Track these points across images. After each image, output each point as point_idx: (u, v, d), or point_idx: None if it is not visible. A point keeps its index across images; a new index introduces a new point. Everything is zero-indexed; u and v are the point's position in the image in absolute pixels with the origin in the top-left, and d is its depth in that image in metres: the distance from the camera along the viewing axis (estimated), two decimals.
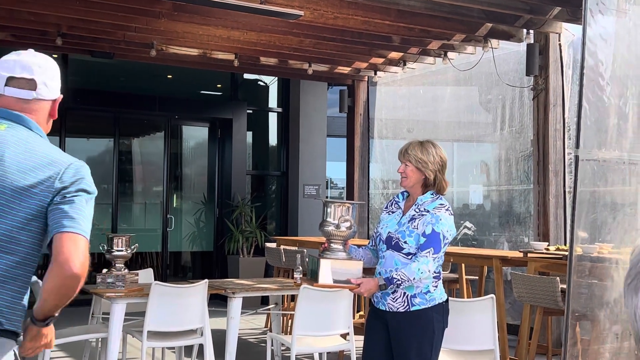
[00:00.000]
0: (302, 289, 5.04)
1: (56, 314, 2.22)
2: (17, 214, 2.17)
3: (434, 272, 3.41)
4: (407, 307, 3.42)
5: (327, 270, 3.33)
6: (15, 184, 2.16)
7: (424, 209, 3.46)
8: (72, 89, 9.81)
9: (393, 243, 3.46)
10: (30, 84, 2.27)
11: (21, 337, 2.20)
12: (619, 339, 4.32)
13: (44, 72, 2.28)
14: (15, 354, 2.20)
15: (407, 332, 3.42)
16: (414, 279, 3.35)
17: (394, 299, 3.43)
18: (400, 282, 3.35)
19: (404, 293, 3.42)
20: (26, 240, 2.22)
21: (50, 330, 2.24)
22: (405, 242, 3.42)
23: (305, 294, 5.01)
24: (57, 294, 2.16)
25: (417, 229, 3.42)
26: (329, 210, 3.43)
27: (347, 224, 3.40)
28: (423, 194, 3.51)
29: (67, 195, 2.17)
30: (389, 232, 3.50)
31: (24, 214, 2.17)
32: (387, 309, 3.46)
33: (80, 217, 2.17)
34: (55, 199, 2.17)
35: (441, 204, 3.46)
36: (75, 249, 2.15)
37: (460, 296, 6.80)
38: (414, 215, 3.47)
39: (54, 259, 2.17)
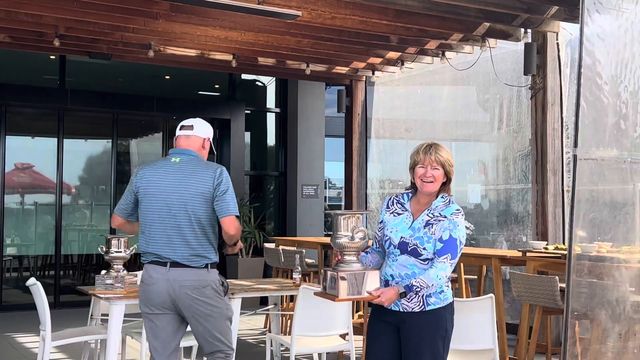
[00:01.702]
0: (302, 290, 5.04)
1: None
2: None
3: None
4: (423, 306, 3.41)
5: (345, 284, 3.29)
6: None
7: (439, 213, 3.43)
8: (70, 90, 9.82)
9: (410, 249, 3.42)
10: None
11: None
12: (623, 338, 4.32)
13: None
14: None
15: (422, 332, 3.41)
16: (432, 285, 3.35)
17: (408, 299, 3.42)
18: (419, 289, 3.34)
19: (418, 294, 3.42)
20: None
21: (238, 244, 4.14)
22: (424, 249, 3.39)
23: (305, 295, 5.01)
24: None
25: (434, 234, 3.40)
26: (339, 222, 3.37)
27: (361, 235, 3.36)
28: (436, 196, 3.48)
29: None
30: (402, 237, 3.45)
31: None
32: (401, 310, 3.43)
33: None
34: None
35: (457, 210, 3.43)
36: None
37: (459, 296, 6.79)
38: (429, 220, 3.43)
39: None
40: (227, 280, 4.47)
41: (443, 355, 3.44)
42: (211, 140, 4.20)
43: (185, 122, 4.14)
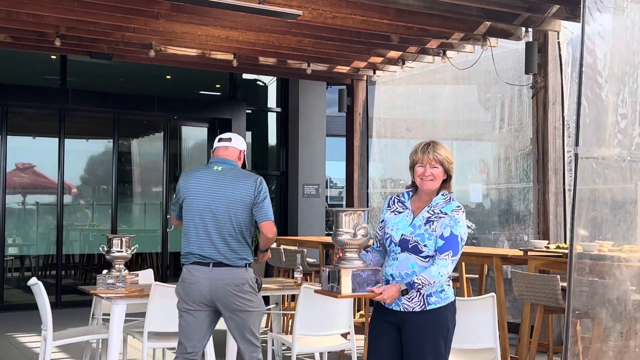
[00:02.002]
0: (303, 289, 5.04)
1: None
2: None
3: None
4: (423, 306, 3.41)
5: (347, 281, 3.30)
6: None
7: (440, 210, 3.43)
8: (71, 90, 9.82)
9: (410, 246, 3.42)
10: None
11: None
12: (624, 337, 4.32)
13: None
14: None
15: (423, 332, 3.40)
16: (434, 282, 3.34)
17: (409, 298, 3.41)
18: (421, 286, 3.34)
19: (420, 292, 3.41)
20: None
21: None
22: (425, 246, 3.39)
23: (306, 294, 5.01)
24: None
25: (435, 231, 3.40)
26: (341, 219, 3.38)
27: (363, 232, 3.36)
28: (437, 194, 3.48)
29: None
30: (402, 235, 3.45)
31: None
32: (402, 309, 3.43)
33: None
34: None
35: (458, 207, 3.44)
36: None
37: (460, 295, 6.78)
38: (429, 217, 3.43)
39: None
40: None
41: (445, 354, 3.44)
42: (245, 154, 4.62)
43: (223, 135, 4.58)
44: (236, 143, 4.49)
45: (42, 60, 9.88)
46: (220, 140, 4.53)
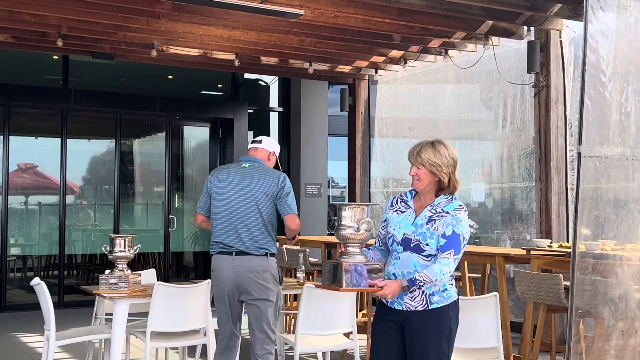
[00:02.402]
0: (305, 289, 5.04)
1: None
2: None
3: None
4: (426, 305, 3.41)
5: (348, 275, 3.30)
6: None
7: (442, 209, 3.43)
8: (73, 90, 9.83)
9: (412, 245, 3.42)
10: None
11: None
12: (624, 336, 4.32)
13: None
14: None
15: (426, 331, 3.40)
16: (435, 280, 3.34)
17: (412, 297, 3.41)
18: (422, 283, 3.33)
19: (422, 291, 3.41)
20: None
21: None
22: (427, 245, 3.39)
23: (308, 293, 5.01)
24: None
25: (437, 230, 3.39)
26: (344, 213, 3.39)
27: (366, 226, 3.37)
28: (436, 195, 3.48)
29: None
30: (404, 234, 3.45)
31: None
32: (405, 308, 3.43)
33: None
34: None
35: (460, 206, 3.43)
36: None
37: (463, 294, 6.78)
38: (431, 216, 3.43)
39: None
40: None
41: (447, 353, 3.44)
42: (277, 155, 5.01)
43: (256, 138, 5.04)
44: (266, 145, 4.93)
45: (44, 60, 9.89)
46: (252, 142, 5.02)
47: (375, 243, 3.67)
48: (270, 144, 4.98)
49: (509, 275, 7.32)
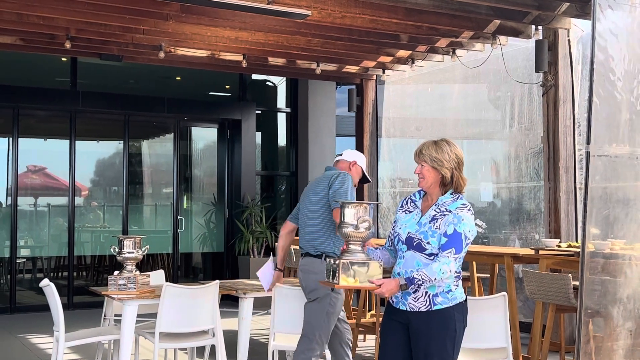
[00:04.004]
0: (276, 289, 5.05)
1: None
2: None
3: (455, 271, 3.40)
4: (429, 306, 3.40)
5: (346, 272, 3.31)
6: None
7: (445, 208, 3.43)
8: (81, 92, 9.86)
9: (415, 244, 3.42)
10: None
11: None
12: (633, 335, 4.30)
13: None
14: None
15: (429, 332, 3.39)
16: (435, 279, 3.33)
17: (415, 298, 3.41)
18: (421, 282, 3.32)
19: (426, 292, 3.40)
20: None
21: None
22: (428, 243, 3.39)
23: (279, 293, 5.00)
24: None
25: (439, 229, 3.39)
26: (346, 211, 3.41)
27: (366, 225, 3.38)
28: (442, 193, 3.48)
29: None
30: (408, 233, 3.46)
31: None
32: (408, 309, 3.43)
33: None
34: None
35: (463, 204, 3.44)
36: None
37: (471, 294, 6.77)
38: (435, 215, 3.44)
39: None
40: (240, 280, 4.67)
41: (452, 355, 3.42)
42: (362, 165, 5.17)
43: (340, 152, 5.30)
44: (346, 156, 5.18)
45: (52, 62, 9.93)
46: (337, 155, 5.32)
47: (385, 243, 3.68)
48: (350, 155, 5.19)
49: (517, 275, 7.30)
